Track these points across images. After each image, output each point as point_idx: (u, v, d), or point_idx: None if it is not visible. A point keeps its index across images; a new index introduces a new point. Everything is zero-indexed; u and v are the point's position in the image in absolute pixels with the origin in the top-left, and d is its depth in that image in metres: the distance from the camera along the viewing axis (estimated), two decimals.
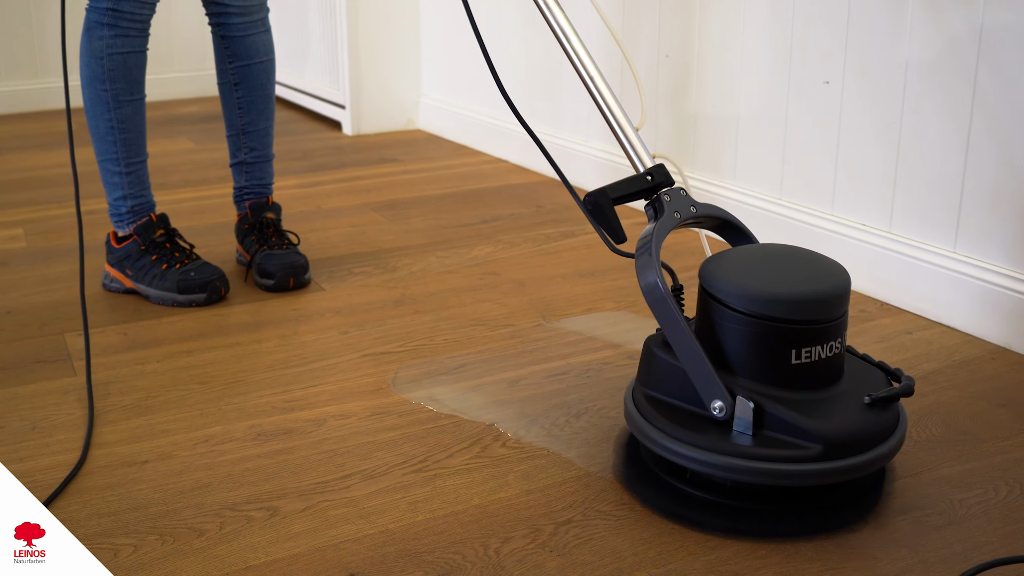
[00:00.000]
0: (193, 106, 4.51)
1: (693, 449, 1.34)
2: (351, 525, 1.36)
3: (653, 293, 1.41)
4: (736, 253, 1.48)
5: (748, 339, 1.36)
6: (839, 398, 1.37)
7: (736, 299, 1.36)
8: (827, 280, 1.39)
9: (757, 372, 1.36)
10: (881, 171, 2.10)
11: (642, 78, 2.73)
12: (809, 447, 1.30)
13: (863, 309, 2.07)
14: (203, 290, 2.11)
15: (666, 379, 1.42)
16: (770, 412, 1.33)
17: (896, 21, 2.01)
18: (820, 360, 1.36)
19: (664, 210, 1.51)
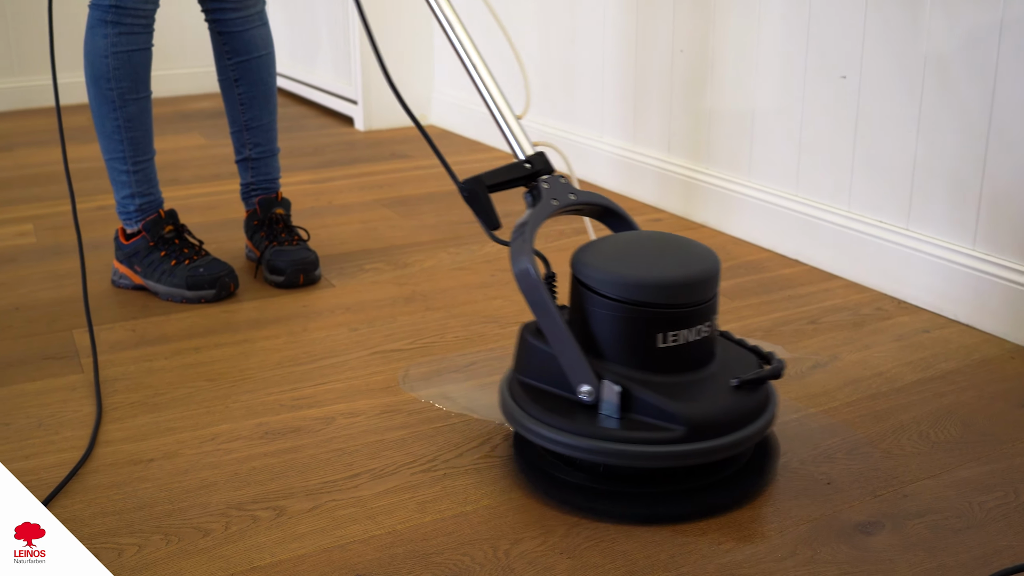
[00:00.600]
0: (205, 101, 4.50)
1: (561, 433, 1.35)
2: (358, 525, 1.34)
3: (525, 280, 1.42)
4: (608, 240, 1.48)
5: (615, 324, 1.37)
6: (706, 381, 1.39)
7: (602, 284, 1.37)
8: (694, 265, 1.40)
9: (625, 356, 1.37)
10: (899, 167, 2.07)
11: (657, 73, 2.71)
12: (673, 429, 1.31)
13: (880, 307, 2.04)
14: (212, 286, 2.09)
15: (539, 366, 1.43)
16: (636, 395, 1.34)
17: (914, 14, 1.98)
18: (687, 344, 1.37)
19: (541, 197, 1.51)
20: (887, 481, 1.43)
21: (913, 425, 1.59)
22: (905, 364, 1.80)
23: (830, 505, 1.37)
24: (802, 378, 1.75)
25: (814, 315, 2.01)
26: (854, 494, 1.40)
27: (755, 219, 2.42)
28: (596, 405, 1.36)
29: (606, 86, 2.92)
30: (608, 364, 1.37)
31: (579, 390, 1.36)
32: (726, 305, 2.06)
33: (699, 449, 1.32)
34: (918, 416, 1.61)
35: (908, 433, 1.56)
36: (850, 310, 2.04)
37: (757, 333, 1.92)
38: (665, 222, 2.62)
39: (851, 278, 2.19)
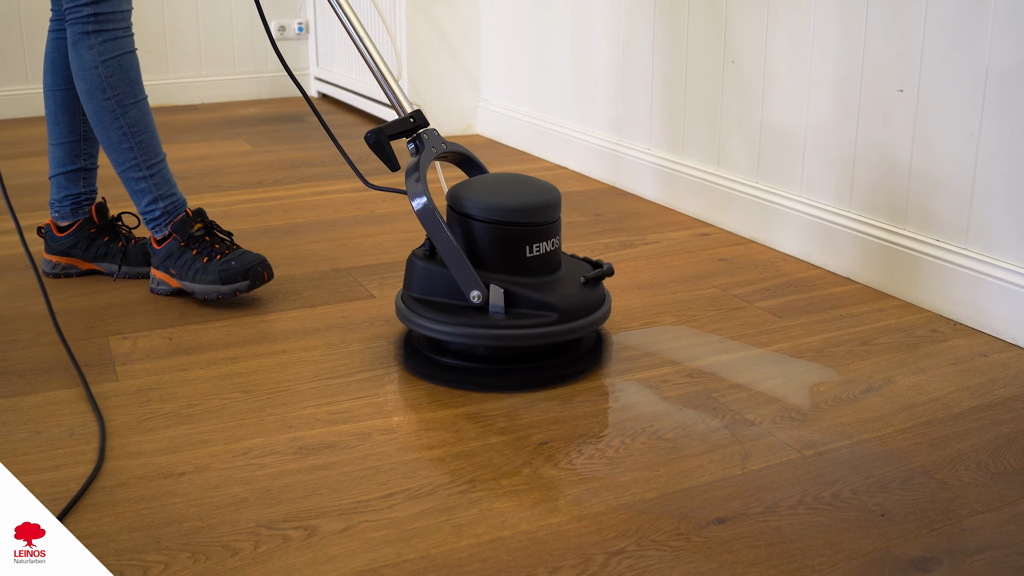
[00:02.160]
0: (252, 108, 4.49)
1: (462, 328, 1.72)
2: (391, 548, 1.29)
3: (425, 211, 1.75)
4: (474, 180, 1.85)
5: (493, 241, 1.75)
6: (562, 281, 1.78)
7: (483, 212, 1.75)
8: (545, 193, 1.80)
9: (501, 266, 1.75)
10: (957, 184, 2.00)
11: (706, 82, 2.65)
12: (548, 315, 1.71)
13: (935, 329, 1.98)
14: (245, 277, 2.06)
15: (429, 282, 1.78)
16: (515, 293, 1.72)
17: (976, 25, 1.91)
18: (545, 253, 1.77)
19: (424, 146, 1.86)
20: (944, 514, 1.37)
21: (971, 454, 1.52)
22: (962, 389, 1.73)
23: (884, 539, 1.31)
24: (854, 402, 1.69)
25: (867, 336, 1.95)
26: (909, 527, 1.34)
27: (806, 236, 2.36)
28: (484, 306, 1.72)
29: (654, 97, 2.87)
30: (487, 274, 1.74)
31: (471, 295, 1.72)
32: (776, 324, 2.00)
33: (569, 328, 1.73)
34: (976, 445, 1.55)
35: (966, 463, 1.50)
36: (904, 331, 1.97)
37: (808, 354, 1.86)
38: (713, 236, 2.56)
39: (905, 298, 2.12)
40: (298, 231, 2.63)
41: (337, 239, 2.56)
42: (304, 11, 4.69)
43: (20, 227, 1.82)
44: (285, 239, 2.56)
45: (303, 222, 2.71)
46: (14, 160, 3.45)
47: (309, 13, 4.66)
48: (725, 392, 1.73)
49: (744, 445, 1.55)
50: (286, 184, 3.12)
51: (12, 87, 4.22)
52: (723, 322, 2.02)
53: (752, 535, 1.32)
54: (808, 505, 1.39)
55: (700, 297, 2.15)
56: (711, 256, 2.42)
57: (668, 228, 2.65)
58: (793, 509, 1.38)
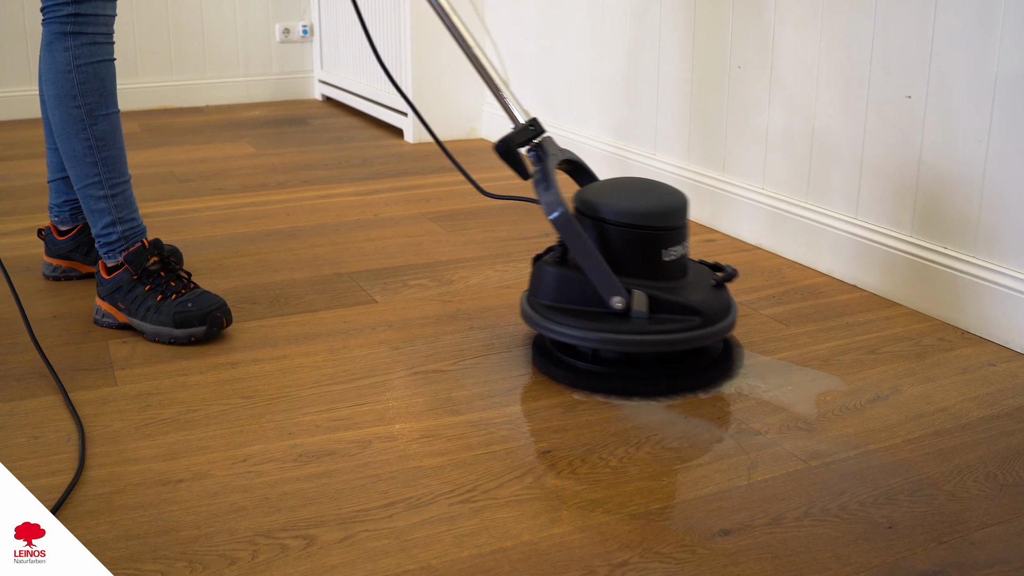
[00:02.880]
0: (256, 110, 4.48)
1: (606, 335, 1.69)
2: (391, 559, 1.28)
3: (563, 218, 1.72)
4: (601, 186, 1.84)
5: (629, 246, 1.73)
6: (693, 284, 1.77)
7: (618, 215, 1.73)
8: (675, 197, 1.79)
9: (637, 270, 1.73)
10: (965, 192, 1.98)
11: (712, 89, 2.63)
12: (692, 319, 1.70)
13: (943, 338, 1.95)
14: (202, 322, 1.91)
15: (564, 289, 1.75)
16: (656, 298, 1.70)
17: (985, 31, 1.89)
18: (679, 257, 1.76)
19: (547, 152, 1.84)
20: (952, 526, 1.35)
21: (980, 465, 1.50)
22: (970, 399, 1.71)
23: (892, 552, 1.29)
24: (861, 412, 1.67)
25: (874, 344, 1.93)
26: (917, 540, 1.32)
27: (812, 242, 2.34)
28: (626, 312, 1.69)
29: (660, 102, 2.85)
30: (624, 279, 1.71)
31: (612, 301, 1.69)
32: (782, 331, 1.98)
33: (714, 331, 1.72)
34: (985, 456, 1.53)
35: (974, 474, 1.48)
36: (911, 340, 1.95)
37: (814, 362, 1.84)
38: (719, 242, 2.54)
39: (912, 306, 2.10)
40: (300, 234, 2.61)
41: (340, 243, 2.54)
42: (308, 14, 4.68)
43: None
44: (287, 242, 2.54)
45: (306, 225, 2.69)
46: (16, 161, 3.44)
47: (314, 16, 4.64)
48: (730, 401, 1.71)
49: (750, 455, 1.53)
50: (289, 187, 3.10)
51: (14, 88, 4.21)
52: None
53: (757, 547, 1.30)
54: (814, 517, 1.37)
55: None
56: None
57: None
58: (799, 521, 1.36)
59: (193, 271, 2.27)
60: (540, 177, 1.78)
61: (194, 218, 2.77)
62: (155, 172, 3.27)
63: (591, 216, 1.75)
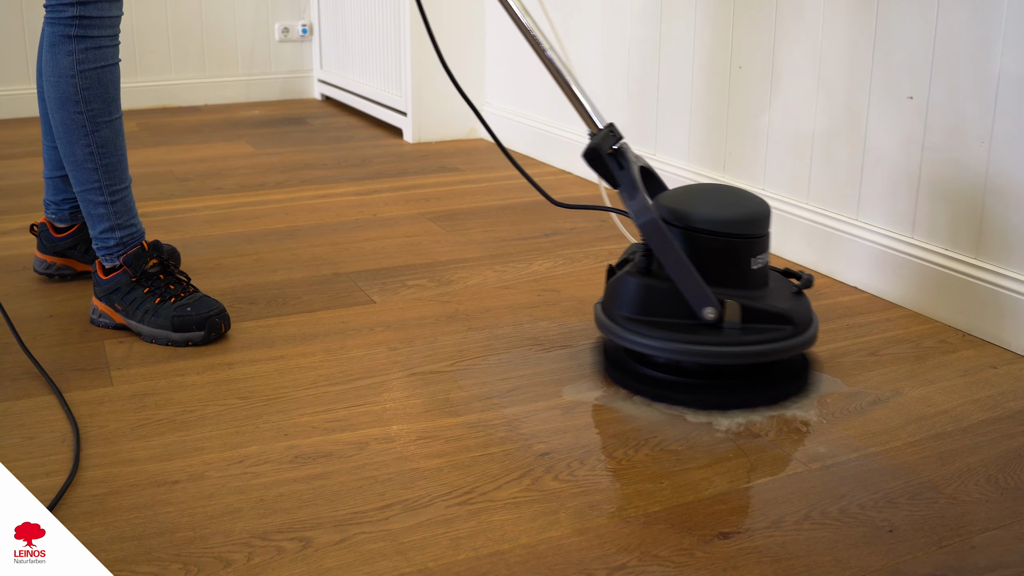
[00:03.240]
0: (255, 110, 4.46)
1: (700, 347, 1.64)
2: (388, 561, 1.26)
3: (653, 225, 1.68)
4: (683, 193, 1.78)
5: (719, 254, 1.68)
6: (776, 292, 1.72)
7: (708, 223, 1.68)
8: (760, 204, 1.74)
9: (725, 279, 1.68)
10: (967, 193, 1.97)
11: (712, 89, 2.62)
12: (784, 328, 1.65)
13: (944, 340, 1.94)
14: (201, 327, 1.90)
15: (650, 301, 1.69)
16: (748, 308, 1.65)
17: (987, 31, 1.88)
18: (764, 265, 1.72)
19: (628, 158, 1.76)
20: (953, 530, 1.34)
21: (981, 469, 1.49)
22: (972, 402, 1.70)
23: (892, 555, 1.28)
24: (862, 414, 1.66)
25: (874, 346, 1.92)
26: (918, 544, 1.31)
27: (813, 243, 2.33)
28: (717, 322, 1.64)
29: (660, 102, 2.84)
30: (714, 288, 1.65)
31: (704, 312, 1.64)
32: None
33: (805, 340, 1.68)
34: (986, 459, 1.52)
35: (976, 477, 1.47)
36: (912, 342, 1.94)
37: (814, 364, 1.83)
38: None
39: (913, 308, 2.09)
40: (299, 234, 2.60)
41: (338, 243, 2.53)
42: (308, 13, 4.67)
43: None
44: (286, 242, 2.53)
45: (304, 225, 2.68)
46: (14, 160, 3.43)
47: (313, 15, 4.63)
48: None
49: (749, 458, 1.52)
50: (288, 187, 3.09)
51: (12, 86, 4.20)
52: None
53: (757, 551, 1.29)
54: (814, 520, 1.36)
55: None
56: None
57: None
58: (799, 524, 1.35)
59: (191, 271, 2.26)
60: (626, 183, 1.73)
61: (192, 217, 2.76)
62: (153, 171, 3.26)
63: (677, 224, 1.70)
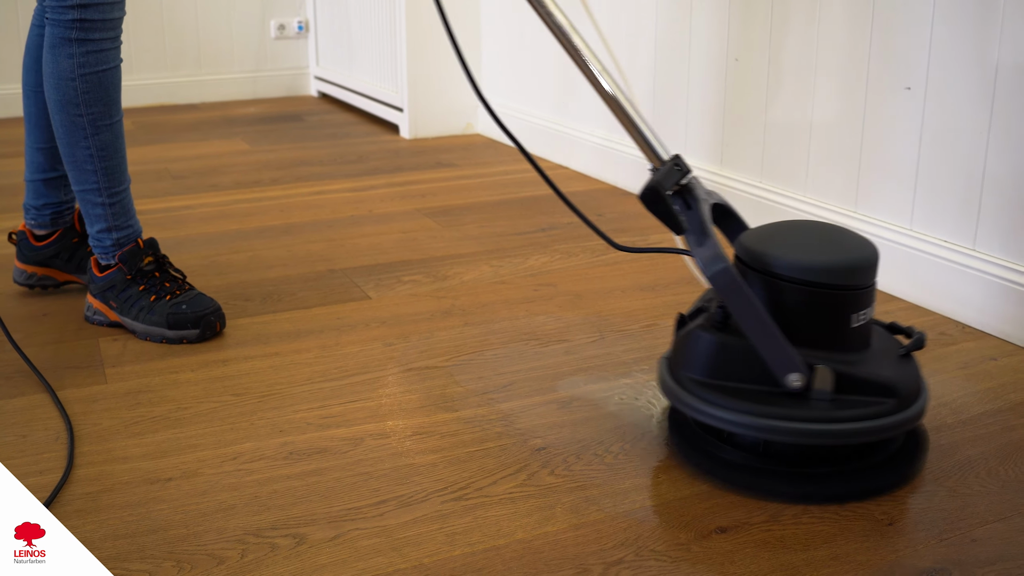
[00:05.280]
0: (251, 107, 4.45)
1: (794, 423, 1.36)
2: (382, 558, 1.25)
3: (727, 276, 1.40)
4: (771, 231, 1.50)
5: (811, 309, 1.41)
6: (880, 354, 1.44)
7: (800, 272, 1.40)
8: (865, 247, 1.45)
9: (817, 339, 1.41)
10: (965, 184, 1.96)
11: (710, 82, 2.61)
12: (885, 402, 1.37)
13: (943, 332, 1.93)
14: (196, 325, 1.89)
15: (727, 362, 1.42)
16: (843, 374, 1.38)
17: (986, 21, 1.87)
18: (866, 323, 1.43)
19: (697, 197, 1.50)
20: (954, 523, 1.33)
21: (981, 461, 1.48)
22: (971, 394, 1.69)
23: (892, 549, 1.27)
24: None
25: None
26: (918, 537, 1.30)
27: None
28: (804, 391, 1.37)
29: (656, 96, 2.83)
30: (801, 350, 1.39)
31: (788, 379, 1.37)
32: None
33: (910, 416, 1.39)
34: (986, 452, 1.51)
35: (976, 470, 1.46)
36: None
37: None
38: None
39: (912, 300, 2.08)
40: (295, 231, 2.59)
41: (334, 239, 2.52)
42: (304, 9, 4.65)
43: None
44: (281, 239, 2.52)
45: (300, 222, 2.67)
46: (11, 159, 3.42)
47: (309, 11, 4.62)
48: None
49: None
50: (284, 183, 3.08)
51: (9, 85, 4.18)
52: None
53: (755, 545, 1.28)
54: (813, 514, 1.35)
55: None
56: None
57: None
58: (797, 518, 1.34)
59: (186, 268, 2.24)
60: (694, 227, 1.47)
61: (188, 215, 2.74)
62: (150, 169, 3.25)
63: (760, 270, 1.43)
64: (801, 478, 1.41)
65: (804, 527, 1.32)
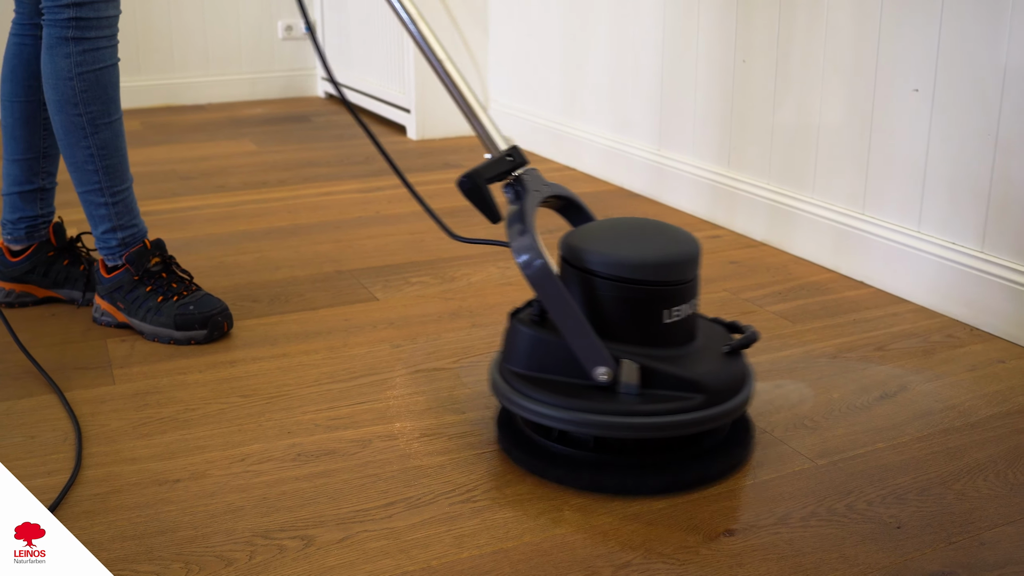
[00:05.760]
0: (258, 108, 4.46)
1: (583, 415, 1.38)
2: (390, 560, 1.25)
3: (539, 270, 1.42)
4: (594, 228, 1.52)
5: (623, 304, 1.42)
6: (702, 351, 1.46)
7: (611, 267, 1.41)
8: (684, 244, 1.47)
9: (632, 335, 1.42)
10: (973, 186, 1.95)
11: (717, 84, 2.61)
12: (693, 397, 1.38)
13: (951, 334, 1.93)
14: (204, 326, 1.89)
15: (541, 355, 1.44)
16: (652, 370, 1.39)
17: (993, 23, 1.87)
18: (685, 318, 1.45)
19: (528, 189, 1.53)
20: (962, 526, 1.32)
21: (990, 464, 1.48)
22: (980, 397, 1.69)
23: (900, 552, 1.27)
24: (869, 409, 1.64)
25: (881, 341, 1.90)
26: (926, 540, 1.30)
27: (819, 238, 2.32)
28: (612, 385, 1.39)
29: (663, 98, 2.83)
30: (614, 345, 1.40)
31: (596, 372, 1.39)
32: (788, 328, 1.96)
33: (719, 412, 1.40)
34: (995, 455, 1.50)
35: (984, 473, 1.45)
36: (919, 337, 1.92)
37: (821, 360, 1.82)
38: (724, 238, 2.52)
39: (920, 302, 2.07)
40: (302, 232, 2.59)
41: (341, 240, 2.52)
42: (311, 11, 4.66)
43: None
44: (289, 240, 2.52)
45: (307, 223, 2.67)
46: None
47: (316, 13, 4.62)
48: None
49: (755, 454, 1.51)
50: (291, 184, 3.08)
51: None
52: None
53: (763, 548, 1.28)
54: (821, 516, 1.35)
55: (711, 301, 2.10)
56: (722, 259, 2.38)
57: None
58: (806, 521, 1.34)
59: (194, 269, 2.24)
60: (514, 218, 1.49)
61: (195, 216, 2.75)
62: (157, 170, 3.25)
63: (576, 266, 1.45)
64: (627, 469, 1.42)
65: (812, 530, 1.31)
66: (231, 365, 1.81)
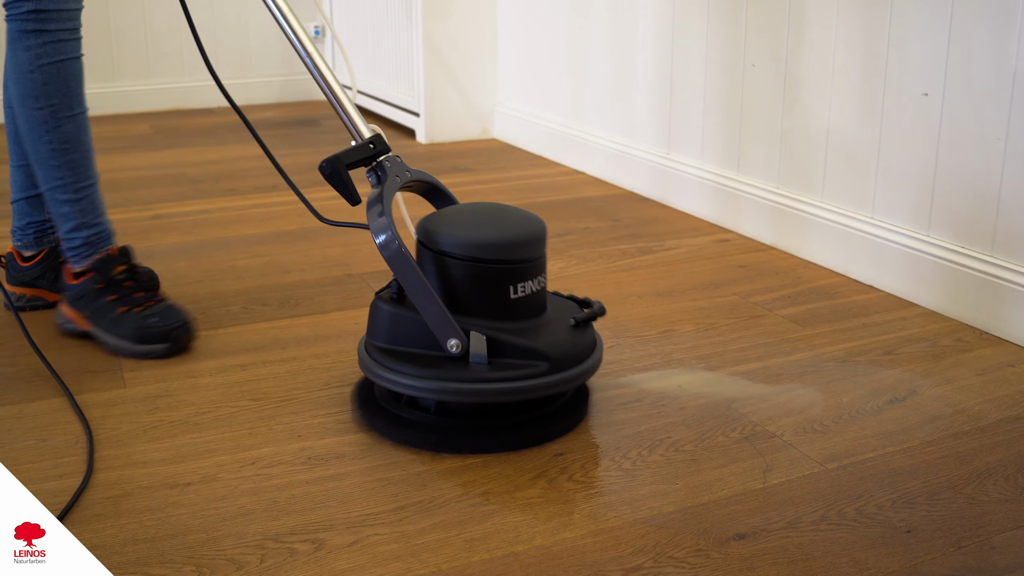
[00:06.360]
0: (270, 111, 4.47)
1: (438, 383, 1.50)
2: (401, 563, 1.26)
3: (391, 249, 1.54)
4: (447, 212, 1.65)
5: (472, 282, 1.55)
6: (549, 324, 1.58)
7: (459, 247, 1.54)
8: (530, 225, 1.60)
9: (480, 309, 1.55)
10: (983, 190, 1.95)
11: (725, 87, 2.61)
12: (537, 365, 1.51)
13: (960, 338, 1.93)
14: (164, 339, 1.85)
15: (399, 330, 1.57)
16: (499, 341, 1.52)
17: (1003, 28, 1.87)
18: (531, 294, 1.57)
19: (387, 175, 1.64)
20: (972, 531, 1.32)
21: (1000, 469, 1.48)
22: (989, 401, 1.68)
23: (910, 556, 1.27)
24: (878, 413, 1.64)
25: (890, 345, 1.90)
26: (936, 544, 1.30)
27: (828, 242, 2.32)
28: (464, 356, 1.51)
29: (673, 101, 2.83)
30: (466, 319, 1.53)
31: (448, 344, 1.51)
32: (797, 332, 1.96)
33: (562, 379, 1.53)
34: (1005, 459, 1.50)
35: (994, 477, 1.45)
36: (929, 341, 1.92)
37: (830, 364, 1.82)
38: (733, 242, 2.52)
39: (929, 306, 2.07)
40: (311, 235, 2.59)
41: (351, 244, 2.52)
42: (321, 15, 4.66)
43: None
44: (298, 244, 2.53)
45: (317, 226, 2.67)
46: None
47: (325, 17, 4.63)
48: (745, 403, 1.68)
49: (765, 458, 1.51)
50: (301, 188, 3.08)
51: None
52: (743, 330, 1.98)
53: (773, 552, 1.28)
54: (831, 520, 1.35)
55: (719, 304, 2.10)
56: (731, 263, 2.38)
57: (687, 234, 2.61)
58: (816, 525, 1.34)
59: (204, 272, 2.25)
60: (373, 200, 1.59)
61: (205, 219, 2.76)
62: (166, 173, 3.26)
63: (429, 247, 1.57)
64: (468, 432, 1.55)
65: (822, 533, 1.32)
66: (241, 368, 1.82)
